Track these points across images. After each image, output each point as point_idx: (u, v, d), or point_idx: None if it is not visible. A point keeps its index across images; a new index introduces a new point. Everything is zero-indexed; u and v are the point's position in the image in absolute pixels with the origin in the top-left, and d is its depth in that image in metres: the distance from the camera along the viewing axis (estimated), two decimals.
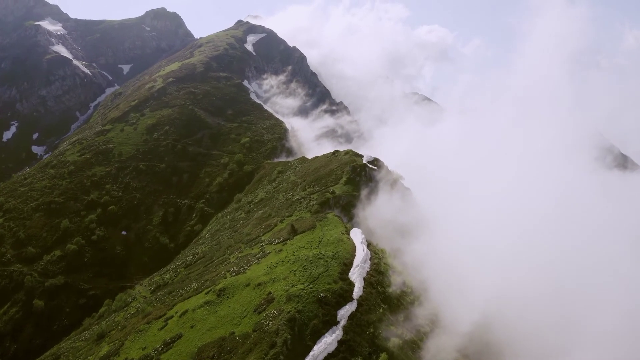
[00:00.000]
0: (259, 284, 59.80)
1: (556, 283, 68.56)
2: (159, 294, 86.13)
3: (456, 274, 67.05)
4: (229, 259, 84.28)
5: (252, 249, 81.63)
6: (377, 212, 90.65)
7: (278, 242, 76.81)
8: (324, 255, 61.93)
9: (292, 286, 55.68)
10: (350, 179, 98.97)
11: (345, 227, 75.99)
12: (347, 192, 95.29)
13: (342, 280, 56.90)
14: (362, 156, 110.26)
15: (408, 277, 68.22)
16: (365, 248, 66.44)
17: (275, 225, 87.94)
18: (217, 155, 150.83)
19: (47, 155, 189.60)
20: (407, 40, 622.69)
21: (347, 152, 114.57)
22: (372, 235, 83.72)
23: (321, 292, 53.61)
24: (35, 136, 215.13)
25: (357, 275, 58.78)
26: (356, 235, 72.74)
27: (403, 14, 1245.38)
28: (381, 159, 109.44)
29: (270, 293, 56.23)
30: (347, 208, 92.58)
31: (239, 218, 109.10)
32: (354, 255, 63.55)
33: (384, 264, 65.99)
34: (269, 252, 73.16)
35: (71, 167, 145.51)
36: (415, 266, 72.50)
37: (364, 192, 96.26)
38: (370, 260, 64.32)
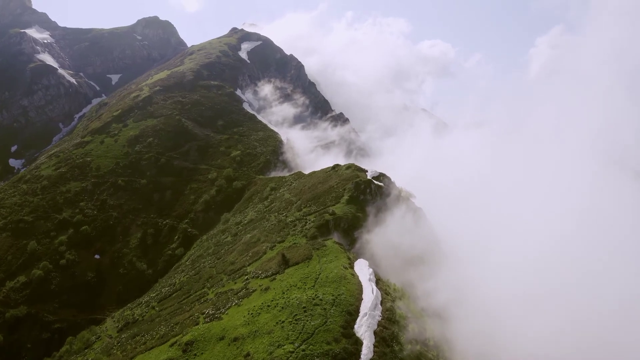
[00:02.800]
0: (236, 339, 45.42)
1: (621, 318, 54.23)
2: (123, 336, 72.11)
3: (490, 319, 52.26)
4: (208, 294, 70.36)
5: (235, 283, 67.57)
6: (385, 237, 76.33)
7: (265, 277, 62.67)
8: (321, 300, 47.58)
9: (278, 346, 41.30)
10: (353, 198, 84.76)
11: (349, 258, 61.82)
12: (350, 212, 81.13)
13: (345, 337, 42.52)
14: (366, 171, 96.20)
15: (427, 323, 53.68)
16: (375, 287, 52.13)
17: (264, 253, 73.82)
18: (205, 169, 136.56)
19: (24, 169, 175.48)
20: (409, 54, 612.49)
21: (348, 167, 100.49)
22: (379, 266, 69.54)
23: (317, 357, 39.23)
24: (13, 148, 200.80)
25: (365, 328, 44.39)
26: (362, 268, 58.57)
27: (405, 29, 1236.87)
28: (387, 173, 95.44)
29: (248, 355, 41.84)
30: (349, 232, 78.43)
31: (225, 242, 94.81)
32: (360, 299, 49.24)
33: (399, 308, 51.52)
34: (254, 290, 58.92)
35: (44, 182, 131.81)
36: (434, 308, 57.97)
37: (369, 213, 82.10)
38: (381, 304, 50.01)
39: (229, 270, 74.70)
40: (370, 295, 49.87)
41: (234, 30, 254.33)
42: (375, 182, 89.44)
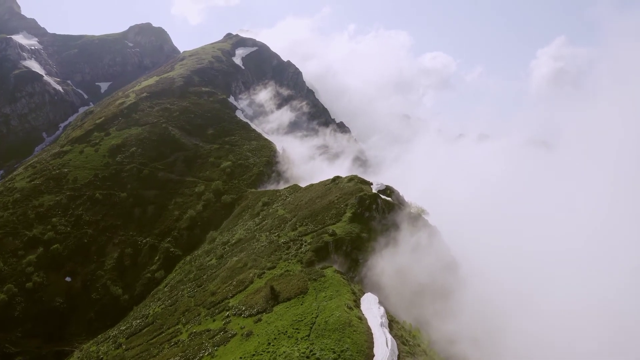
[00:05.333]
0: None
1: None
2: None
3: None
4: (181, 332, 58.10)
5: (214, 321, 55.33)
6: (395, 261, 64.38)
7: (249, 315, 50.47)
8: (319, 359, 35.27)
9: None
10: (357, 215, 72.67)
11: (353, 293, 49.48)
12: (353, 232, 69.10)
13: None
14: (371, 183, 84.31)
15: None
16: (389, 337, 39.75)
17: (251, 283, 61.60)
18: (192, 182, 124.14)
19: (2, 180, 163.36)
20: (411, 65, 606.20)
21: (351, 179, 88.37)
22: (388, 298, 57.63)
23: None
24: None
25: None
26: (370, 307, 46.24)
27: (407, 42, 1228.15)
28: (395, 186, 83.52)
29: None
30: (352, 256, 66.53)
31: (208, 265, 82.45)
32: (371, 355, 36.87)
33: None
34: (233, 335, 46.65)
35: (17, 195, 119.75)
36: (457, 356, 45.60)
37: (375, 233, 70.05)
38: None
39: (209, 303, 62.42)
40: (384, 349, 37.58)
41: (229, 36, 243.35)
42: (382, 196, 77.43)
